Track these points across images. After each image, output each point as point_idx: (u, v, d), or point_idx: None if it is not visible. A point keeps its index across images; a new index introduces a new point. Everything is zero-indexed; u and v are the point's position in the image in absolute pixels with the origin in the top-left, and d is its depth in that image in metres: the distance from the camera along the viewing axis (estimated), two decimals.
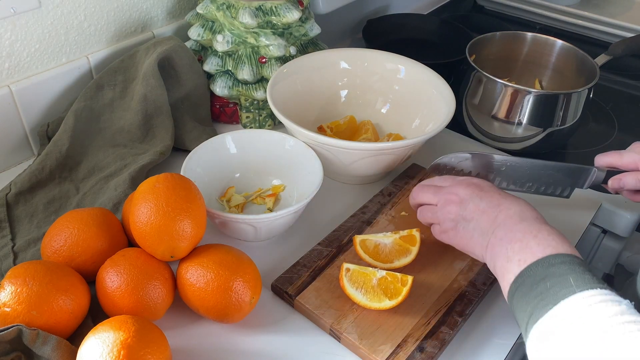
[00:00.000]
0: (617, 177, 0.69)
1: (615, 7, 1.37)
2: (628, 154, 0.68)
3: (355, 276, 0.63)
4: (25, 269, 0.56)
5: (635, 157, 0.68)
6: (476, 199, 0.60)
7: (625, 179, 0.68)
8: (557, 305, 0.47)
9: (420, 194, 0.68)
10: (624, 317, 0.44)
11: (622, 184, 0.68)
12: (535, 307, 0.48)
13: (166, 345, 0.53)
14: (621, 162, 0.69)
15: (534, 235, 0.53)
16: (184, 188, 0.59)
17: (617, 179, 0.69)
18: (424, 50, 1.21)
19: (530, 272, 0.51)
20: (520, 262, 0.52)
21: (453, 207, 0.62)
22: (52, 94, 0.84)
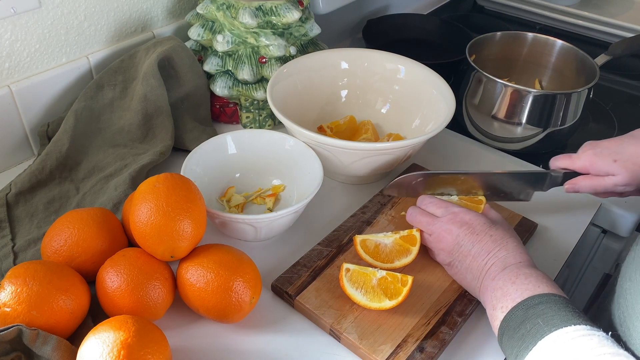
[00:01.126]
0: (572, 181, 0.70)
1: (615, 7, 1.37)
2: (580, 157, 0.69)
3: (355, 276, 0.63)
4: (25, 269, 0.56)
5: (587, 161, 0.68)
6: (469, 243, 0.62)
7: (579, 184, 0.69)
8: (535, 347, 0.50)
9: (413, 219, 0.68)
10: (597, 350, 0.47)
11: (577, 188, 0.69)
12: (519, 350, 0.51)
13: (166, 345, 0.53)
14: (573, 166, 0.69)
15: (513, 281, 0.56)
16: (184, 188, 0.59)
17: (572, 184, 0.70)
18: (424, 50, 1.21)
19: (511, 317, 0.54)
20: (502, 309, 0.55)
21: (446, 245, 0.64)
22: (52, 94, 0.84)
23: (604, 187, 0.67)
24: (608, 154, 0.66)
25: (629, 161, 0.64)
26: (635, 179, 0.65)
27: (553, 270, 0.71)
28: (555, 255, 0.73)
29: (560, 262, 0.72)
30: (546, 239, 0.75)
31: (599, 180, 0.67)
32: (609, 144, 0.67)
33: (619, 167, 0.65)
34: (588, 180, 0.68)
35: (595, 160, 0.67)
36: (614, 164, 0.65)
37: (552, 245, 0.74)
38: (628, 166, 0.64)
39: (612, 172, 0.66)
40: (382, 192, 0.74)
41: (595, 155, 0.67)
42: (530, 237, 0.74)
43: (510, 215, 0.75)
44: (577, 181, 0.69)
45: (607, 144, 0.67)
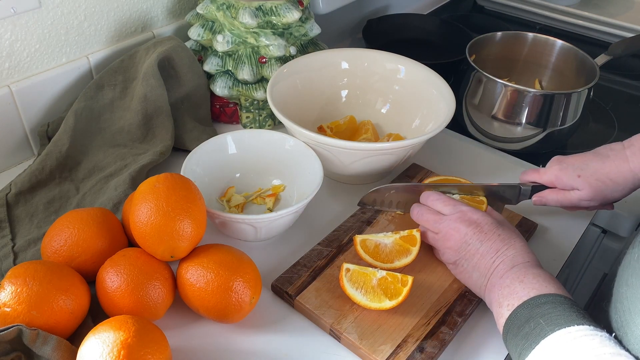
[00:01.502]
0: (539, 194, 0.72)
1: (615, 7, 1.37)
2: (547, 171, 0.71)
3: (355, 276, 0.63)
4: (25, 269, 0.56)
5: (553, 176, 0.70)
6: (477, 242, 0.62)
7: (547, 197, 0.71)
8: (538, 345, 0.50)
9: (420, 217, 0.68)
10: (599, 350, 0.47)
11: (544, 201, 0.71)
12: (522, 348, 0.52)
13: (166, 345, 0.53)
14: (541, 179, 0.72)
15: (521, 280, 0.56)
16: (184, 188, 0.59)
17: (539, 197, 0.72)
18: (424, 50, 1.21)
19: (516, 315, 0.54)
20: (508, 306, 0.55)
21: (453, 243, 0.64)
22: (52, 94, 0.84)
23: (570, 201, 0.69)
24: (572, 169, 0.68)
25: (591, 177, 0.67)
26: (598, 194, 0.67)
27: (553, 270, 0.71)
28: (555, 255, 0.73)
29: (560, 262, 0.72)
30: (546, 239, 0.75)
31: (565, 194, 0.70)
32: (574, 160, 0.69)
33: (583, 182, 0.67)
34: (554, 194, 0.71)
35: (560, 175, 0.69)
36: (577, 179, 0.68)
37: (552, 245, 0.74)
38: (591, 182, 0.67)
39: (576, 187, 0.68)
40: (358, 204, 0.74)
41: (560, 170, 0.69)
42: (530, 237, 0.74)
43: (510, 216, 0.75)
44: (544, 194, 0.71)
45: (573, 160, 0.69)
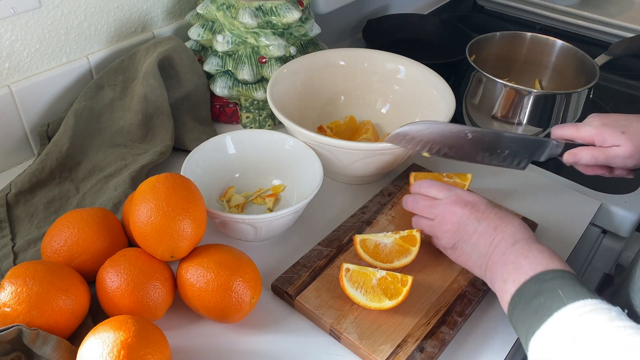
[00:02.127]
0: (573, 151, 0.68)
1: (615, 7, 1.37)
2: (585, 127, 0.68)
3: (355, 276, 0.63)
4: (25, 269, 0.56)
5: (592, 131, 0.67)
6: (474, 222, 0.61)
7: (580, 154, 0.68)
8: (551, 318, 0.49)
9: (415, 205, 0.68)
10: (615, 323, 0.46)
11: (577, 158, 0.68)
12: (532, 322, 0.51)
13: (166, 345, 0.53)
14: (578, 135, 0.69)
15: (525, 255, 0.56)
16: (184, 188, 0.59)
17: (572, 154, 0.68)
18: (424, 50, 1.21)
19: (524, 290, 0.53)
20: (514, 282, 0.54)
21: (451, 226, 0.63)
22: (52, 94, 0.84)
23: (606, 157, 0.66)
24: (616, 125, 0.66)
25: (636, 134, 0.65)
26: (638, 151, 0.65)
27: None
28: None
29: None
30: (546, 239, 0.75)
31: (602, 150, 0.67)
32: (618, 117, 0.67)
33: (626, 139, 0.65)
34: (590, 150, 0.67)
35: (603, 130, 0.66)
36: (621, 135, 0.65)
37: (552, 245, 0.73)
38: (635, 139, 0.65)
39: (618, 143, 0.65)
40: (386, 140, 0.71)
41: (604, 125, 0.66)
42: None
43: None
44: (578, 151, 0.68)
45: (617, 117, 0.67)
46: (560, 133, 0.70)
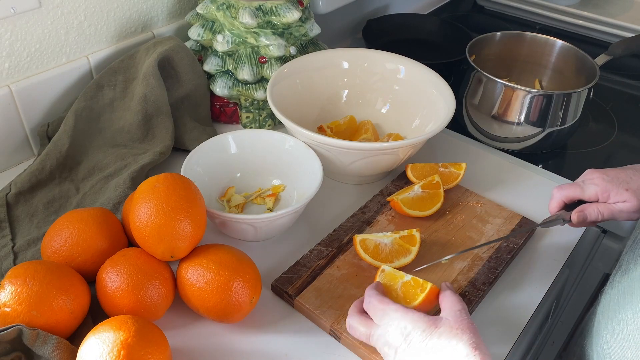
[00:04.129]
0: (580, 209, 0.68)
1: (615, 7, 1.37)
2: (589, 186, 0.68)
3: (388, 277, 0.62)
4: (25, 269, 0.56)
5: (597, 189, 0.67)
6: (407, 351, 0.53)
7: (587, 211, 0.68)
8: None
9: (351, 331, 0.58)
10: None
11: (585, 216, 0.68)
12: None
13: (166, 345, 0.53)
14: (584, 195, 0.68)
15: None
16: (184, 188, 0.59)
17: (580, 212, 0.68)
18: (424, 50, 1.21)
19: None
20: None
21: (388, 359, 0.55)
22: (52, 94, 0.84)
23: (611, 212, 0.67)
24: (619, 182, 0.66)
25: (639, 190, 0.66)
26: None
27: (553, 270, 0.71)
28: (555, 255, 0.73)
29: (560, 262, 0.72)
30: (546, 239, 0.75)
31: (607, 206, 0.67)
32: (617, 173, 0.67)
33: (631, 195, 0.66)
34: (596, 206, 0.67)
35: (607, 187, 0.66)
36: (626, 192, 0.66)
37: (552, 245, 0.74)
38: (638, 194, 0.66)
39: (623, 200, 0.66)
40: None
41: (606, 182, 0.67)
42: (530, 237, 0.74)
43: (510, 215, 0.75)
44: (585, 208, 0.68)
45: (616, 172, 0.67)
46: (563, 194, 0.69)
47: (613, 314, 0.55)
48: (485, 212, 0.76)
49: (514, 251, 0.70)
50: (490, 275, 0.67)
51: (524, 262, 0.71)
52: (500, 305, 0.66)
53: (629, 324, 0.52)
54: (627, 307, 0.53)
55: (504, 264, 0.69)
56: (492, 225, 0.74)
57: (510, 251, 0.70)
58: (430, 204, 0.74)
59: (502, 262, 0.69)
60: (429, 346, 0.51)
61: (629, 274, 0.56)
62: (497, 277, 0.68)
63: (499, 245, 0.71)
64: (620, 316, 0.54)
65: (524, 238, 0.72)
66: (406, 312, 0.54)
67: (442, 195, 0.76)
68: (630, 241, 0.62)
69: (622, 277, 0.57)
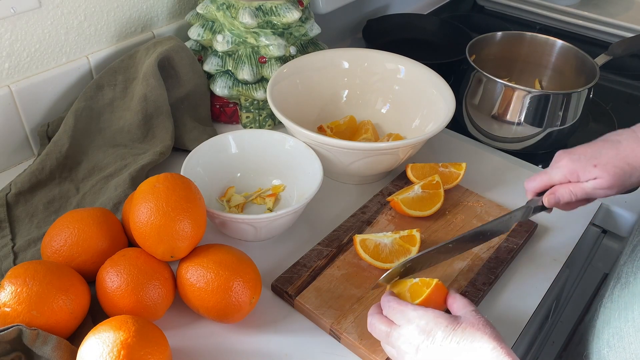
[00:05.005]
0: (550, 192, 0.66)
1: (615, 7, 1.37)
2: (555, 170, 0.65)
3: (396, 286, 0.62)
4: (25, 269, 0.56)
5: (564, 171, 0.64)
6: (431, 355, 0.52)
7: (558, 193, 0.65)
8: None
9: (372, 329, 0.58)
10: None
11: (557, 198, 0.65)
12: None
13: (166, 345, 0.53)
14: (551, 180, 0.66)
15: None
16: (184, 188, 0.59)
17: (551, 195, 0.65)
18: (424, 50, 1.21)
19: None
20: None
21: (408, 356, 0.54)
22: (52, 94, 0.84)
23: (584, 191, 0.64)
24: (586, 159, 0.63)
25: (609, 164, 0.62)
26: (617, 181, 0.62)
27: (553, 270, 0.71)
28: (555, 255, 0.73)
29: (560, 262, 0.72)
30: (546, 239, 0.75)
31: (579, 185, 0.64)
32: (584, 150, 0.64)
33: (601, 171, 0.62)
34: (567, 187, 0.65)
35: (574, 168, 0.63)
36: (594, 169, 0.62)
37: (552, 245, 0.74)
38: (609, 169, 0.62)
39: (594, 176, 0.62)
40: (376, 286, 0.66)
41: (573, 162, 0.64)
42: (530, 237, 0.74)
43: None
44: (555, 190, 0.65)
45: (583, 150, 0.64)
46: (533, 185, 0.68)
47: (614, 331, 0.54)
48: (485, 212, 0.76)
49: (514, 251, 0.70)
50: (490, 275, 0.67)
51: (524, 262, 0.71)
52: (501, 305, 0.66)
53: (632, 342, 0.52)
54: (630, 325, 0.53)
55: (504, 264, 0.69)
56: None
57: (510, 251, 0.70)
58: (430, 204, 0.74)
59: (502, 263, 0.69)
60: (454, 341, 0.51)
61: (629, 288, 0.55)
62: (497, 277, 0.68)
63: (499, 245, 0.71)
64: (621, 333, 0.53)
65: (524, 238, 0.72)
66: (426, 310, 0.54)
67: (442, 195, 0.75)
68: (628, 249, 0.61)
69: (622, 290, 0.56)
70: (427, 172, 0.79)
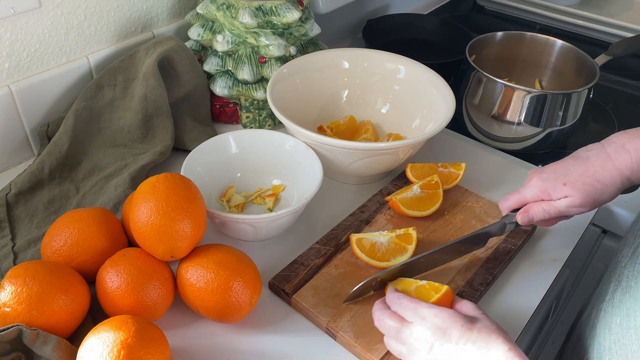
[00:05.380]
0: (523, 210, 0.66)
1: (615, 7, 1.37)
2: (527, 189, 0.65)
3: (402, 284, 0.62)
4: (25, 269, 0.56)
5: (535, 190, 0.65)
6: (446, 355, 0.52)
7: (531, 212, 0.65)
8: None
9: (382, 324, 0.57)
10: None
11: (530, 216, 0.66)
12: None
13: (166, 345, 0.53)
14: (524, 199, 0.66)
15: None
16: (184, 188, 0.59)
17: (524, 213, 0.66)
18: (424, 50, 1.21)
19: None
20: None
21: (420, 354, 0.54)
22: (52, 94, 0.84)
23: (557, 209, 0.64)
24: (555, 177, 0.63)
25: (578, 182, 0.62)
26: (587, 198, 0.62)
27: (553, 270, 0.71)
28: (555, 255, 0.73)
29: (560, 262, 0.72)
30: (546, 239, 0.75)
31: (551, 204, 0.64)
32: (554, 168, 0.64)
33: (570, 189, 0.62)
34: (539, 205, 0.65)
35: (544, 186, 0.64)
36: (564, 188, 0.62)
37: (552, 245, 0.74)
38: (578, 187, 0.61)
39: (564, 195, 0.62)
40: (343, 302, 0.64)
41: (543, 181, 0.64)
42: (530, 237, 0.74)
43: None
44: (529, 208, 0.65)
45: (552, 168, 0.64)
46: (507, 205, 0.68)
47: (617, 338, 0.54)
48: (485, 212, 0.76)
49: (512, 252, 0.70)
50: (487, 275, 0.67)
51: (523, 262, 0.71)
52: (500, 305, 0.66)
53: (635, 351, 0.51)
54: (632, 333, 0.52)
55: (502, 264, 0.69)
56: None
57: (509, 252, 0.70)
58: (429, 204, 0.75)
59: (500, 263, 0.69)
60: (470, 341, 0.51)
61: (630, 293, 0.54)
62: (495, 277, 0.68)
63: (497, 245, 0.71)
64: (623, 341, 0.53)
65: (523, 239, 0.72)
66: (440, 309, 0.54)
67: (441, 195, 0.75)
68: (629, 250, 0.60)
69: (623, 295, 0.56)
70: (426, 172, 0.79)
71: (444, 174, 0.79)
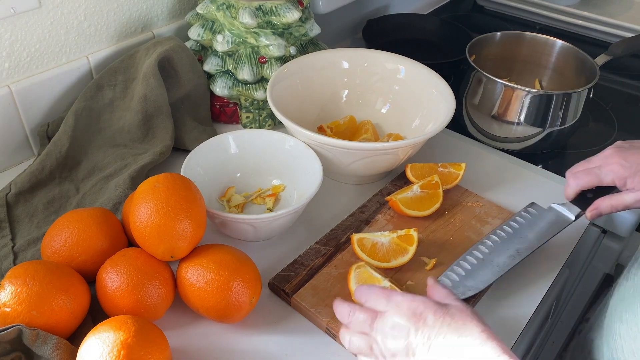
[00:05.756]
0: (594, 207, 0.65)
1: (615, 7, 1.37)
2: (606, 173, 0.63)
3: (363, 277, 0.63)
4: (25, 269, 0.56)
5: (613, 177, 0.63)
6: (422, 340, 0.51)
7: (601, 207, 0.65)
8: None
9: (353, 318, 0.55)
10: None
11: (599, 212, 0.65)
12: None
13: (166, 345, 0.53)
14: (601, 183, 0.65)
15: None
16: (184, 188, 0.59)
17: (595, 210, 0.65)
18: (424, 50, 1.21)
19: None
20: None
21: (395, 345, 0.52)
22: (52, 94, 0.84)
23: (624, 204, 0.63)
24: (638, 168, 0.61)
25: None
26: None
27: (553, 270, 0.71)
28: (555, 255, 0.73)
29: (560, 262, 0.72)
30: None
31: (619, 199, 0.63)
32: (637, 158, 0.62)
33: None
34: (607, 200, 0.64)
35: (623, 174, 0.62)
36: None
37: (552, 245, 0.74)
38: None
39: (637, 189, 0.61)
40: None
41: (623, 168, 0.62)
42: None
43: (509, 216, 0.75)
44: (598, 204, 0.65)
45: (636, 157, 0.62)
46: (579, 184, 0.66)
47: (627, 306, 0.54)
48: (484, 212, 0.76)
49: None
50: None
51: (524, 262, 0.71)
52: (500, 305, 0.66)
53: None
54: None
55: None
56: (491, 225, 0.74)
57: None
58: (429, 204, 0.75)
59: None
60: (446, 323, 0.51)
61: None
62: None
63: None
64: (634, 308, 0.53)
65: None
66: (413, 296, 0.53)
67: (441, 195, 0.76)
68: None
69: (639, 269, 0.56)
70: (426, 172, 0.79)
71: (444, 174, 0.79)
